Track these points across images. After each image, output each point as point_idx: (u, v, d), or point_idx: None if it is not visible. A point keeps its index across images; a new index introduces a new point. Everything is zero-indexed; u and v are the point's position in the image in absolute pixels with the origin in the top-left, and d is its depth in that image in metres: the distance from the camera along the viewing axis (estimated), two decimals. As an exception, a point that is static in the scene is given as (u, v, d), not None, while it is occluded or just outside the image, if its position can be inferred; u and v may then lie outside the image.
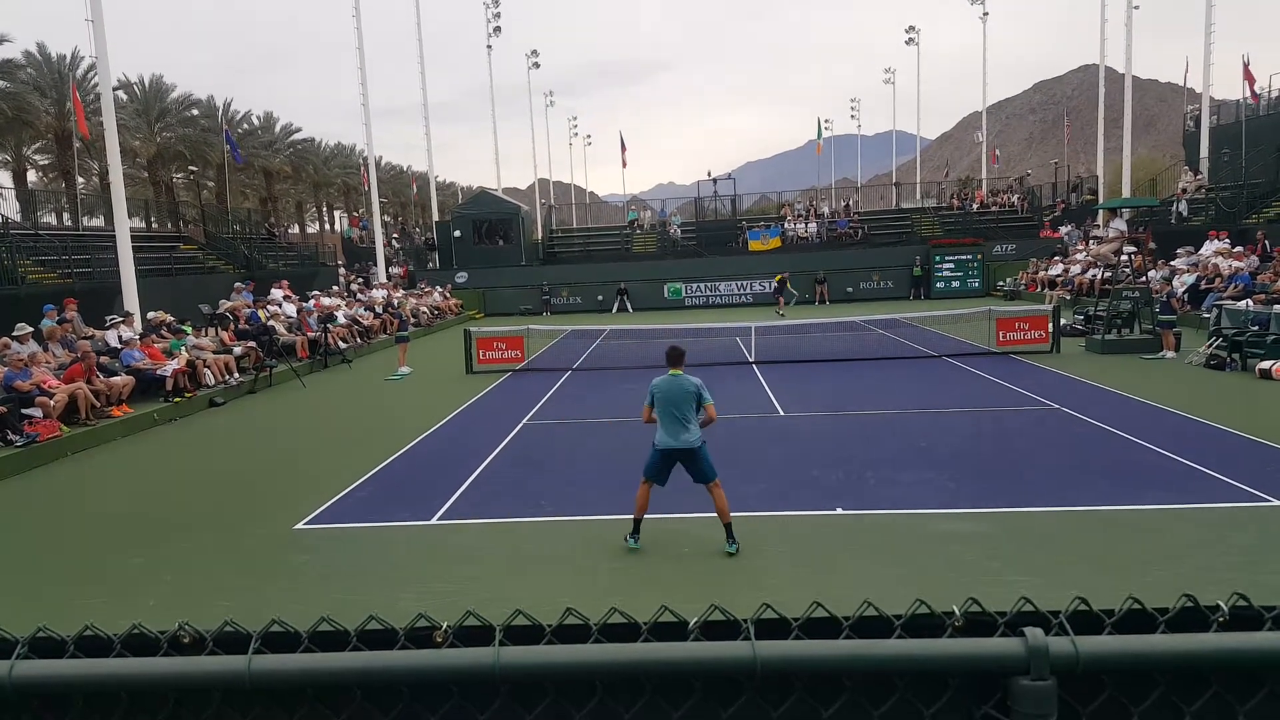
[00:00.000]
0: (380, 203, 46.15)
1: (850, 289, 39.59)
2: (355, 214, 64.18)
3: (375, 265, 40.74)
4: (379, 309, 30.48)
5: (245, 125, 59.08)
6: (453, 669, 1.38)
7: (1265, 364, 15.78)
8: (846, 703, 1.42)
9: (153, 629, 1.45)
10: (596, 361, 21.93)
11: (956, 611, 1.41)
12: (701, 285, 40.63)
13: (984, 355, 19.91)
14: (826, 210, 49.26)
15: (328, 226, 77.95)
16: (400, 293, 35.85)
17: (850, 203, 52.63)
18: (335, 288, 33.47)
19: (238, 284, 26.06)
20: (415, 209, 77.71)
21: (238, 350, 19.82)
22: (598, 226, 58.27)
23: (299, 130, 67.43)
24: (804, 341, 22.76)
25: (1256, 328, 17.78)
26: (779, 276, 36.37)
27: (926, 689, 1.41)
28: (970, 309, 22.87)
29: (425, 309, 34.46)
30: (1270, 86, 37.97)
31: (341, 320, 26.44)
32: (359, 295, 32.97)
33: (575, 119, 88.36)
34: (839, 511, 8.94)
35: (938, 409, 14.22)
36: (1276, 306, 19.50)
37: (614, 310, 39.61)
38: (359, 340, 26.68)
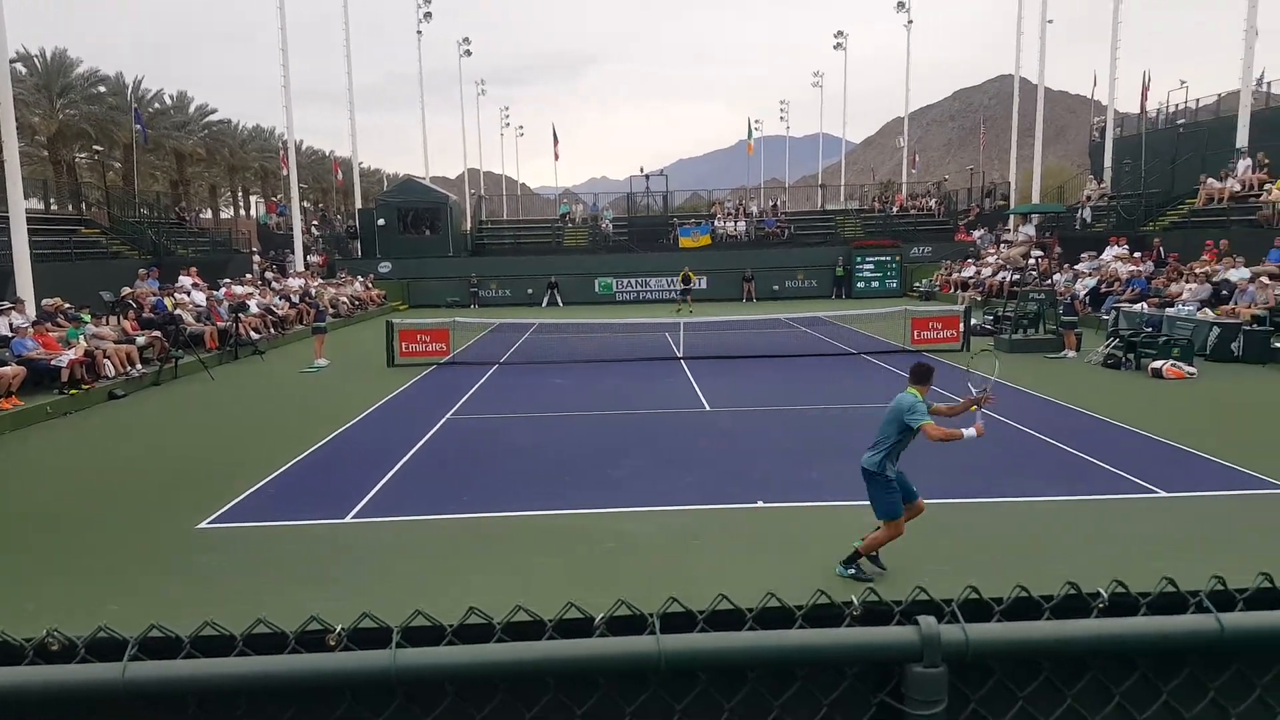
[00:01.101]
0: (300, 188, 44.85)
1: (776, 287, 40.23)
2: (273, 199, 62.12)
3: (292, 253, 39.56)
4: (295, 298, 29.61)
5: (156, 104, 56.58)
6: (345, 673, 1.34)
7: (1157, 363, 16.64)
8: (749, 693, 1.44)
9: (20, 636, 1.37)
10: (525, 356, 21.75)
11: (855, 601, 1.44)
12: (632, 280, 40.68)
13: (899, 353, 20.46)
14: (755, 209, 49.88)
15: (243, 212, 75.35)
16: (318, 282, 34.89)
17: (778, 203, 53.43)
18: (249, 275, 32.40)
19: (142, 270, 24.99)
20: (337, 196, 75.67)
21: (141, 340, 18.99)
22: (529, 219, 57.78)
23: (214, 111, 65.00)
24: (731, 338, 23.03)
25: (1150, 329, 18.76)
26: (683, 273, 36.61)
27: (825, 678, 1.43)
28: (888, 308, 23.48)
29: (345, 299, 33.62)
30: (1167, 103, 40.04)
31: (254, 310, 25.58)
32: (274, 284, 31.97)
33: (507, 109, 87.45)
34: (760, 505, 9.07)
35: (856, 404, 14.56)
36: (1169, 310, 20.60)
37: (544, 304, 39.35)
38: (273, 331, 25.86)
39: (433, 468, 10.95)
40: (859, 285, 39.73)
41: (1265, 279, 20.12)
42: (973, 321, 21.95)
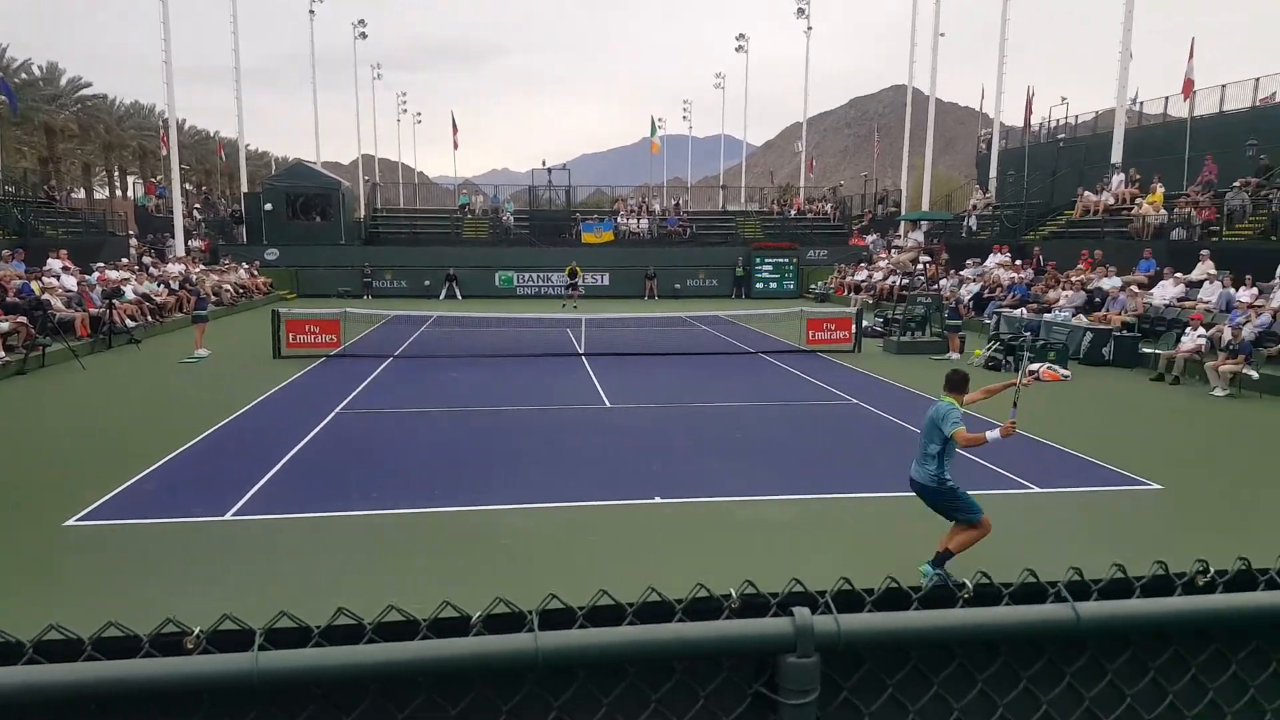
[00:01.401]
0: (182, 170, 42.74)
1: (678, 285, 40.59)
2: (152, 180, 58.87)
3: (172, 237, 37.65)
4: (175, 285, 28.18)
5: (24, 75, 52.94)
6: (203, 677, 1.27)
7: (1034, 366, 17.53)
8: (628, 688, 1.43)
9: None
10: (420, 349, 21.29)
11: (733, 594, 1.45)
12: (534, 275, 40.26)
13: (795, 353, 20.97)
14: (658, 207, 50.20)
15: (119, 192, 71.18)
16: (200, 268, 33.33)
17: (680, 202, 53.95)
18: (125, 260, 30.61)
19: (6, 251, 23.31)
20: (222, 178, 72.39)
21: (4, 326, 17.68)
22: (426, 208, 56.62)
23: (89, 85, 61.25)
24: (632, 335, 23.12)
25: (1028, 333, 19.76)
26: (570, 268, 36.63)
27: (703, 670, 1.44)
28: (785, 309, 24.02)
29: (228, 287, 32.18)
30: (1049, 118, 42.35)
31: (130, 296, 24.18)
32: (152, 269, 30.32)
33: (404, 95, 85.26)
34: (657, 500, 9.14)
35: (753, 402, 14.85)
36: (1046, 315, 21.78)
37: (441, 296, 38.59)
38: (150, 319, 24.49)
39: (320, 463, 10.59)
40: (758, 286, 40.50)
41: (1135, 288, 21.51)
42: (864, 323, 22.68)
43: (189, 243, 38.38)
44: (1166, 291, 21.01)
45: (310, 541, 7.95)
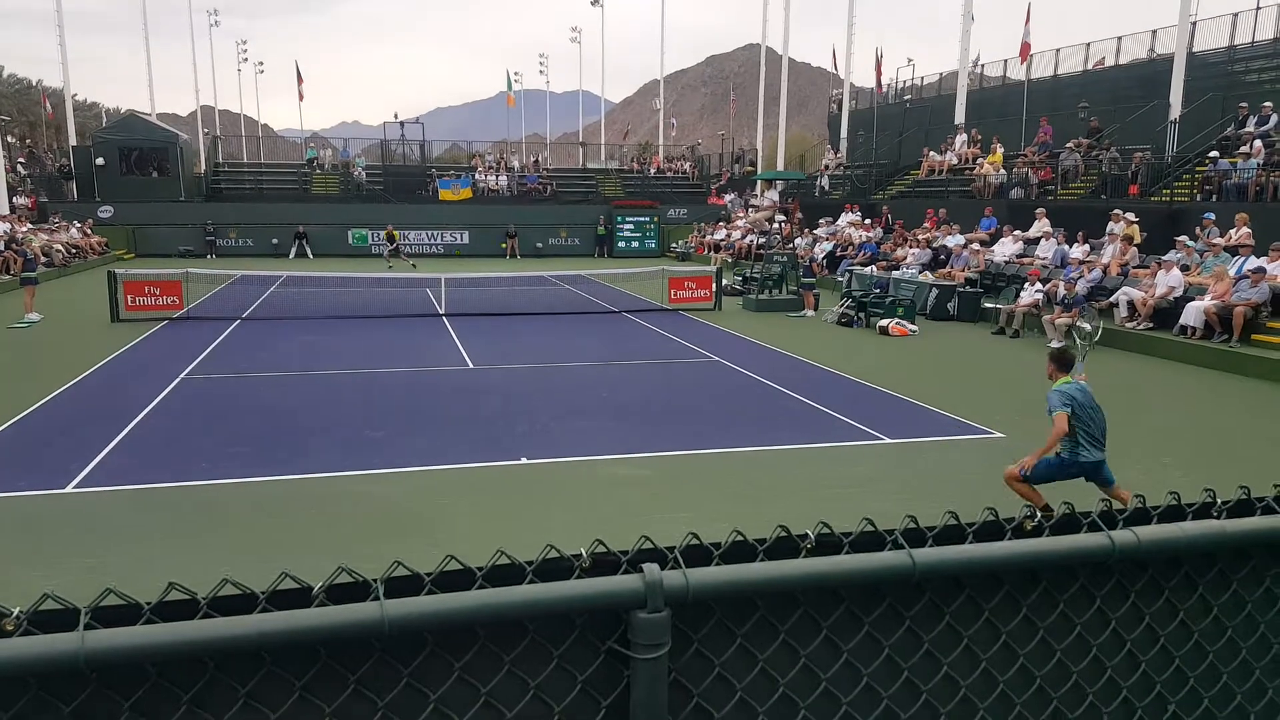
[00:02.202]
0: (1, 120, 38.72)
1: (540, 244, 40.17)
2: (-39, 130, 52.83)
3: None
4: (0, 245, 25.72)
5: None
6: (23, 660, 1.20)
7: (884, 322, 18.44)
8: (479, 652, 1.43)
9: None
10: (270, 310, 20.27)
11: (584, 553, 1.46)
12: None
13: (658, 311, 21.24)
14: (517, 164, 49.26)
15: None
16: (27, 227, 30.60)
17: (540, 158, 53.12)
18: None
19: None
20: (49, 131, 66.06)
21: None
22: (272, 163, 53.55)
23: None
24: (495, 295, 22.76)
25: (878, 290, 20.73)
26: (388, 231, 35.66)
27: (556, 629, 1.45)
28: (647, 268, 24.23)
29: (59, 247, 29.79)
30: (897, 79, 44.08)
31: (-64, 256, 21.82)
32: (-36, 227, 27.45)
33: (245, 43, 79.52)
34: (523, 461, 9.11)
35: (616, 361, 14.98)
36: (895, 272, 22.89)
37: (291, 255, 36.91)
38: (-38, 281, 22.25)
39: (167, 431, 9.97)
40: (620, 244, 40.58)
41: (976, 245, 22.83)
42: (724, 282, 23.17)
43: (13, 200, 35.25)
44: (1006, 248, 22.32)
45: (159, 514, 7.50)
